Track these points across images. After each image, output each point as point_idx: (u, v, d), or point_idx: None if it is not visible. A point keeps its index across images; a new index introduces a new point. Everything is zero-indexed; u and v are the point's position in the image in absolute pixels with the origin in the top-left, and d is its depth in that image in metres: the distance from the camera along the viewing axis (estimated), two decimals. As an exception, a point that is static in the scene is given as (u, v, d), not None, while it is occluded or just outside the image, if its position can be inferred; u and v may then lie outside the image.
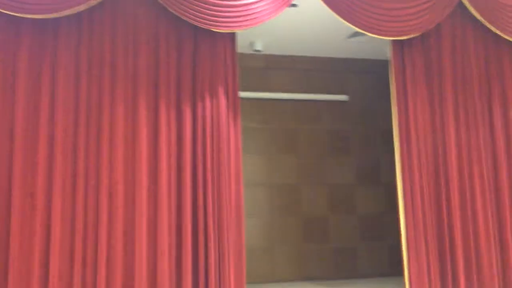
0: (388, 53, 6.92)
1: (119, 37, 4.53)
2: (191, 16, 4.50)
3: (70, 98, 4.38)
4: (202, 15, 4.51)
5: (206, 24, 4.52)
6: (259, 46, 6.66)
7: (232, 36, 4.70)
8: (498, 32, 5.20)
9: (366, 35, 5.60)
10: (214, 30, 4.55)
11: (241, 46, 6.72)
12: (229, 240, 4.35)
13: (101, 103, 4.44)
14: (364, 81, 7.42)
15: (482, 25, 5.23)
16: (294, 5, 5.35)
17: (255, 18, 4.62)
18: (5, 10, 4.13)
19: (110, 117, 4.40)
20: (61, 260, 4.13)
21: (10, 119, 4.26)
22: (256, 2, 4.63)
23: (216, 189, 4.39)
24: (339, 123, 7.25)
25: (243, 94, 6.89)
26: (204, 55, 4.57)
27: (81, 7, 4.30)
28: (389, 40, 5.05)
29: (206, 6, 4.52)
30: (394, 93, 5.01)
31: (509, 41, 5.29)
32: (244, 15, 4.60)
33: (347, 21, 4.83)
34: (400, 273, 6.95)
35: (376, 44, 6.84)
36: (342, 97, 7.25)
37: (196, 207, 4.38)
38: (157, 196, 4.35)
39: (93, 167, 4.33)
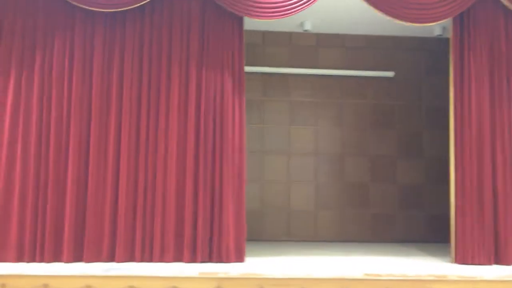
0: (435, 30, 7.27)
1: (175, 24, 5.40)
2: (233, 4, 5.23)
3: (135, 76, 5.32)
4: (240, 3, 5.24)
5: (243, 12, 5.24)
6: (308, 26, 7.26)
7: (240, 18, 5.43)
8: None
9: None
10: (256, 19, 5.30)
11: (292, 26, 7.32)
12: (229, 202, 5.15)
13: (159, 80, 5.32)
14: (411, 58, 7.82)
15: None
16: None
17: (289, 8, 5.32)
18: (82, 4, 5.08)
19: (167, 92, 5.29)
20: (126, 212, 5.12)
21: (88, 93, 5.28)
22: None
23: (219, 156, 5.23)
24: (384, 98, 7.73)
25: (293, 70, 7.55)
26: (215, 36, 5.37)
27: (144, 2, 5.17)
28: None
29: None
30: (452, 69, 5.53)
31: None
32: (279, 6, 5.27)
33: (378, 9, 5.36)
34: (436, 240, 7.43)
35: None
36: (388, 74, 7.70)
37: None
38: (198, 160, 5.26)
39: (153, 135, 5.25)
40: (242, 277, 4.22)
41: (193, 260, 5.04)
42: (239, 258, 5.11)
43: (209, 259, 5.08)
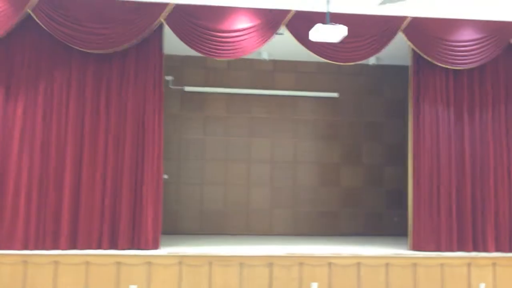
0: (371, 60, 9.02)
1: (157, 58, 7.05)
2: (200, 48, 6.88)
3: (121, 102, 6.90)
4: (207, 47, 6.89)
5: (209, 53, 6.89)
6: (265, 56, 8.97)
7: (159, 47, 7.05)
8: (433, 61, 7.23)
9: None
10: (215, 58, 6.97)
11: (252, 54, 8.89)
12: (148, 196, 6.69)
13: (145, 107, 6.92)
14: (353, 81, 9.55)
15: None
16: (280, 34, 7.50)
17: (243, 50, 6.95)
18: (78, 47, 6.69)
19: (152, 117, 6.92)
20: (112, 209, 6.71)
21: (81, 118, 6.83)
22: (244, 40, 6.94)
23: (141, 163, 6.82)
24: (330, 115, 9.47)
25: (253, 91, 9.24)
26: (141, 61, 6.99)
27: (128, 45, 6.80)
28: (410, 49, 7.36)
29: (210, 41, 6.87)
30: (410, 90, 7.37)
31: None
32: (235, 48, 6.93)
33: (312, 52, 7.07)
34: (373, 234, 9.18)
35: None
36: (334, 94, 9.42)
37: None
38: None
39: (134, 154, 6.84)
40: (197, 255, 6.14)
41: (115, 247, 6.55)
42: (155, 246, 6.57)
43: (132, 246, 6.59)
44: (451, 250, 7.05)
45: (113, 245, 6.57)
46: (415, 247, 7.02)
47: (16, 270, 6.02)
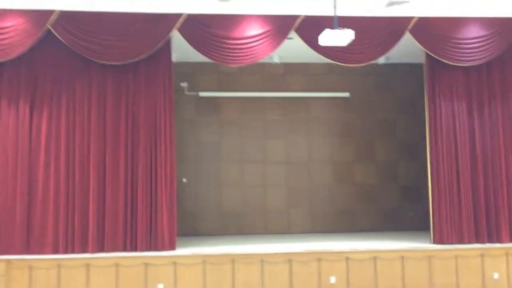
0: (381, 60, 9.27)
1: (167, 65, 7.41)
2: (214, 56, 7.22)
3: (136, 111, 7.25)
4: (220, 55, 7.23)
5: (222, 61, 7.24)
6: (276, 59, 9.28)
7: (168, 56, 7.39)
8: (440, 59, 7.49)
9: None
10: (225, 65, 7.34)
11: (264, 59, 9.25)
12: (163, 194, 7.03)
13: (157, 113, 7.28)
14: (363, 81, 9.83)
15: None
16: (290, 38, 7.81)
17: (255, 56, 7.28)
18: (96, 59, 7.06)
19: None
20: (134, 214, 7.09)
21: (102, 128, 7.21)
22: (256, 46, 7.27)
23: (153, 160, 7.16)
24: (342, 114, 9.76)
25: (266, 94, 9.56)
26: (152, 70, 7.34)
27: (144, 56, 7.16)
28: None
29: (223, 49, 7.21)
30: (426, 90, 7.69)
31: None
32: (247, 55, 7.27)
33: (322, 55, 7.38)
34: (390, 229, 9.45)
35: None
36: (345, 94, 9.71)
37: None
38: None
39: (148, 160, 7.20)
40: (220, 254, 6.53)
41: (136, 249, 6.91)
42: (171, 247, 6.94)
43: (149, 248, 6.93)
44: (471, 242, 7.31)
45: (135, 247, 6.95)
46: (438, 241, 7.28)
47: (50, 274, 6.46)
